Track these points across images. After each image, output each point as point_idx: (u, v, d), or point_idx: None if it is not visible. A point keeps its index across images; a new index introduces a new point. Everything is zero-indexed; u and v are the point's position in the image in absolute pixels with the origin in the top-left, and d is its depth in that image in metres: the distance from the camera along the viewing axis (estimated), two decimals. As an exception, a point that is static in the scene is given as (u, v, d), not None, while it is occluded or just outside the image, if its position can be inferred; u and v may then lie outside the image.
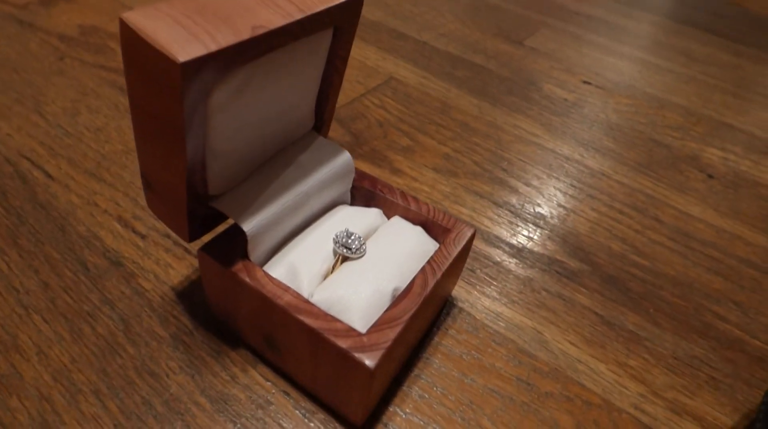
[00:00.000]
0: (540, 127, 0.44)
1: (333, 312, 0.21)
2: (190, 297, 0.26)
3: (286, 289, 0.21)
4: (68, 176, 0.32)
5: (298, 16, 0.18)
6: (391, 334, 0.19)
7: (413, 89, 0.46)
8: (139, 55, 0.16)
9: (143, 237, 0.29)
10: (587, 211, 0.36)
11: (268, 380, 0.23)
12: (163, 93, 0.16)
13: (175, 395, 0.22)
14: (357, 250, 0.23)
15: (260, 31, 0.17)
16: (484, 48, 0.55)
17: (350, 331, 0.19)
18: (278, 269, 0.22)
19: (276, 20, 0.18)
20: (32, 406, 0.21)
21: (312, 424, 0.22)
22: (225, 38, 0.16)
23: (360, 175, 0.27)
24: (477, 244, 0.32)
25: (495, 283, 0.30)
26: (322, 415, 0.22)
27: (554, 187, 0.38)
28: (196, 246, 0.29)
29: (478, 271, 0.30)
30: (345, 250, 0.23)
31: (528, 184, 0.38)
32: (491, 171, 0.38)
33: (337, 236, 0.23)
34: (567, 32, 0.62)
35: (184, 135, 0.17)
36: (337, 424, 0.22)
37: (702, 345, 0.28)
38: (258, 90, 0.20)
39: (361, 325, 0.20)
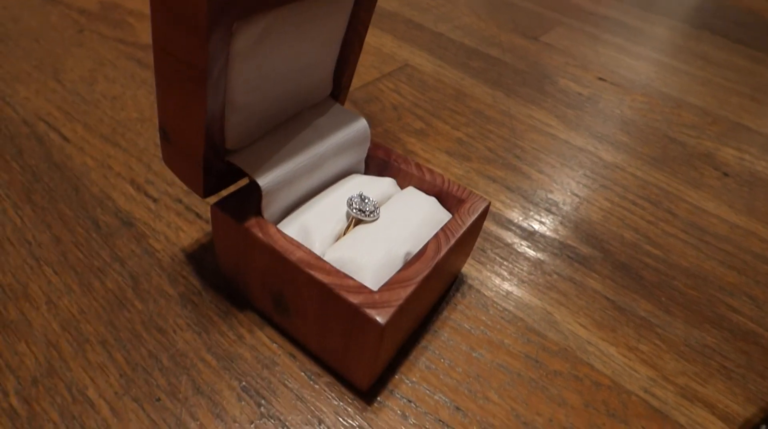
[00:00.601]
0: (554, 118, 0.44)
1: (345, 271, 0.21)
2: (200, 259, 0.26)
3: (299, 245, 0.20)
4: (83, 140, 0.32)
5: None
6: (403, 293, 0.19)
7: (428, 76, 0.46)
8: None
9: (155, 200, 0.29)
10: (600, 201, 0.36)
11: (274, 342, 0.23)
12: (188, 32, 0.16)
13: (182, 351, 0.22)
14: (370, 213, 0.23)
15: None
16: (500, 41, 0.55)
17: (362, 288, 0.19)
18: (291, 228, 0.22)
19: None
20: (39, 351, 0.21)
21: (317, 387, 0.22)
22: None
23: (375, 145, 0.27)
24: (489, 225, 0.32)
25: (506, 263, 0.30)
26: (327, 379, 0.22)
27: (567, 175, 0.38)
28: (207, 212, 0.29)
29: (489, 251, 0.30)
30: (359, 213, 0.22)
31: (541, 172, 0.38)
32: (504, 157, 0.38)
33: (351, 199, 0.23)
34: (583, 31, 0.62)
35: (206, 80, 0.17)
36: (342, 388, 0.22)
37: (714, 335, 0.28)
38: (280, 40, 0.20)
39: (372, 283, 0.20)
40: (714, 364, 0.26)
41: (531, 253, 0.31)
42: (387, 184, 0.25)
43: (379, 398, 0.22)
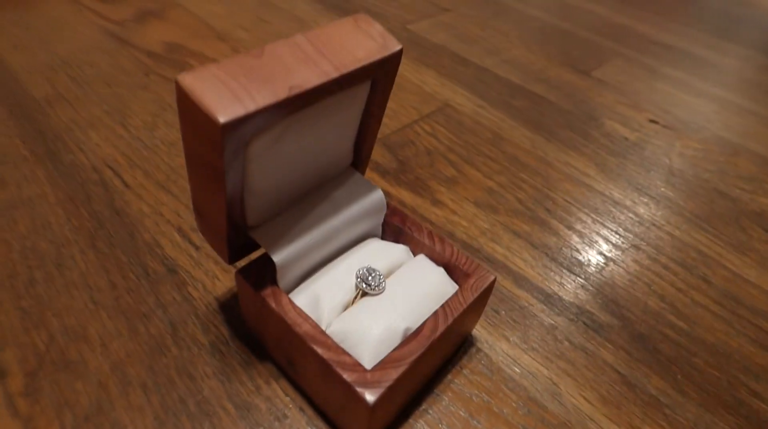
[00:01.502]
0: (593, 166, 0.43)
1: (346, 344, 0.23)
2: (231, 309, 0.29)
3: (306, 318, 0.23)
4: (141, 186, 0.36)
5: (334, 74, 0.20)
6: (394, 374, 0.21)
7: (467, 118, 0.47)
8: (190, 112, 0.18)
9: (197, 248, 0.32)
10: (628, 263, 0.35)
11: (287, 395, 0.26)
12: (207, 144, 0.19)
13: (207, 398, 0.25)
14: (376, 286, 0.24)
15: (297, 91, 0.19)
16: (548, 77, 0.55)
17: (356, 366, 0.21)
18: (303, 297, 0.24)
19: (313, 79, 0.20)
20: (92, 391, 0.25)
21: (320, 444, 0.24)
22: (264, 98, 0.18)
23: (392, 211, 0.28)
24: (506, 285, 0.33)
25: (518, 327, 0.30)
26: (330, 437, 0.24)
27: (597, 232, 0.37)
28: (240, 262, 0.32)
29: (503, 312, 0.31)
30: (365, 286, 0.24)
31: (570, 228, 0.37)
32: (534, 210, 0.38)
33: (359, 271, 0.25)
34: (641, 63, 0.60)
35: (224, 178, 0.20)
36: (343, 448, 0.24)
37: (728, 421, 0.27)
38: (295, 138, 0.22)
39: (368, 360, 0.22)
40: (725, 455, 0.26)
41: (545, 318, 0.31)
42: (399, 251, 0.27)
43: (375, 461, 0.24)
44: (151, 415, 0.24)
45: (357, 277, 0.25)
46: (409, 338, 0.23)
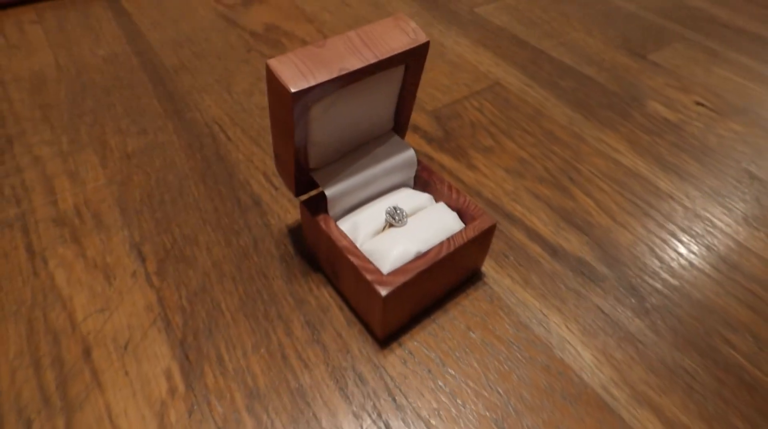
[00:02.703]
0: (625, 143, 0.47)
1: (372, 258, 0.31)
2: (296, 234, 0.39)
3: (346, 237, 0.31)
4: (239, 139, 0.47)
5: (373, 60, 0.28)
6: (403, 278, 0.29)
7: (513, 95, 0.53)
8: (273, 84, 0.27)
9: (276, 189, 0.42)
10: (636, 228, 0.40)
11: (331, 297, 0.35)
12: (283, 107, 0.27)
13: (275, 291, 0.35)
14: (400, 220, 0.32)
15: (344, 71, 0.27)
16: (601, 59, 0.58)
17: (376, 271, 0.29)
18: (346, 224, 0.33)
19: (356, 63, 0.28)
20: (199, 277, 0.36)
21: (351, 330, 0.33)
22: (321, 76, 0.27)
23: (422, 167, 0.36)
24: (519, 237, 0.39)
25: (522, 270, 0.37)
26: (359, 327, 0.33)
27: (613, 200, 0.42)
28: (303, 198, 0.41)
29: (512, 257, 0.38)
30: (391, 220, 0.32)
31: (588, 195, 0.42)
32: (558, 178, 0.44)
33: (388, 208, 0.33)
34: (703, 47, 0.60)
35: (293, 132, 0.28)
36: (367, 335, 0.33)
37: (695, 360, 0.32)
38: (345, 105, 0.30)
39: (386, 270, 0.30)
40: (680, 382, 0.31)
41: (547, 265, 0.37)
42: (424, 198, 0.35)
43: (390, 346, 0.32)
44: (237, 298, 0.35)
45: (386, 213, 0.33)
46: (419, 258, 0.30)
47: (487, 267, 0.37)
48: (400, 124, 0.35)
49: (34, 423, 0.28)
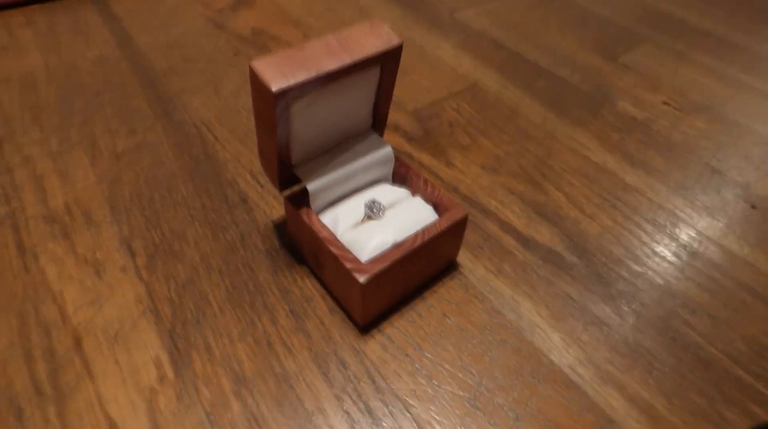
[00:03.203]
0: (595, 140, 0.50)
1: (352, 248, 0.33)
2: (281, 229, 0.40)
3: (326, 229, 0.33)
4: (226, 140, 0.48)
5: (348, 61, 0.30)
6: (380, 266, 0.31)
7: (491, 96, 0.55)
8: (257, 84, 0.29)
9: (262, 186, 0.44)
10: (603, 219, 0.42)
11: (314, 287, 0.36)
12: (266, 105, 0.29)
13: (260, 283, 0.37)
14: (377, 212, 0.34)
15: (321, 73, 0.29)
16: (574, 62, 0.60)
17: (355, 260, 0.31)
18: (327, 217, 0.35)
19: (333, 65, 0.29)
20: (187, 270, 0.37)
21: (333, 318, 0.35)
22: (300, 76, 0.28)
23: (400, 163, 0.38)
24: (493, 229, 0.41)
25: (495, 260, 0.39)
26: (341, 315, 0.35)
27: (583, 194, 0.44)
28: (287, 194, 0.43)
29: (486, 248, 0.40)
30: (369, 212, 0.34)
31: (559, 190, 0.45)
32: (531, 174, 0.46)
33: (366, 202, 0.34)
34: (671, 50, 0.63)
35: (276, 128, 0.30)
36: (348, 322, 0.34)
37: (656, 340, 0.34)
38: (324, 104, 0.32)
39: (365, 258, 0.32)
40: (641, 360, 0.33)
41: (520, 255, 0.39)
42: (401, 192, 0.37)
43: (370, 333, 0.34)
44: (224, 289, 0.36)
45: (365, 206, 0.35)
46: (395, 247, 0.32)
47: (463, 258, 0.39)
48: (378, 122, 0.37)
49: (26, 411, 0.30)
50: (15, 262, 0.37)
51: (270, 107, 0.29)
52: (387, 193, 0.36)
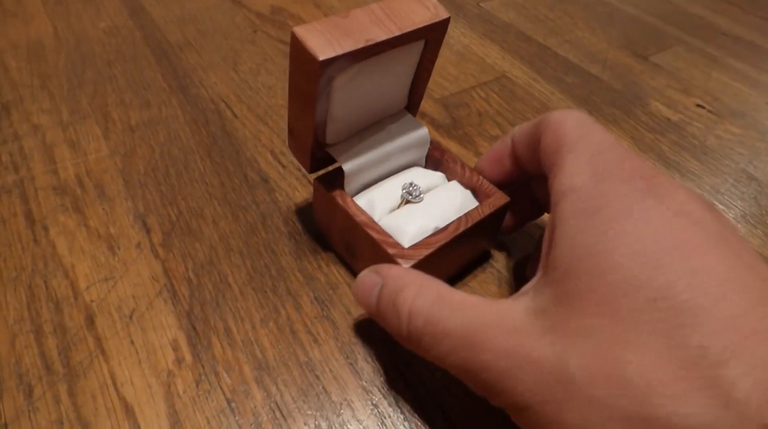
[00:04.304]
0: (628, 139, 0.48)
1: (391, 233, 0.31)
2: (303, 211, 0.38)
3: (363, 212, 0.31)
4: (245, 117, 0.46)
5: (397, 32, 0.28)
6: (425, 251, 0.29)
7: (520, 88, 0.53)
8: (299, 53, 0.27)
9: (284, 167, 0.42)
10: (639, 219, 0.41)
11: (340, 274, 0.35)
12: (308, 76, 0.27)
13: (283, 267, 0.35)
14: (416, 197, 0.32)
15: (369, 43, 0.27)
16: (604, 59, 0.59)
17: (397, 245, 0.29)
18: (362, 200, 0.33)
19: (381, 35, 0.27)
20: (206, 250, 0.35)
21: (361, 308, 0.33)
22: (347, 45, 0.26)
23: (434, 146, 0.36)
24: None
25: (526, 252, 0.37)
26: (368, 304, 0.33)
27: (617, 193, 0.43)
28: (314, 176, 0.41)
29: (518, 242, 0.38)
30: (408, 196, 0.32)
31: (593, 186, 0.43)
32: (563, 169, 0.44)
33: (404, 185, 0.33)
34: (702, 52, 0.62)
35: (315, 103, 0.28)
36: (377, 312, 0.33)
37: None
38: (365, 79, 0.30)
39: (406, 244, 0.30)
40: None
41: (554, 251, 0.38)
42: (437, 177, 0.35)
43: (399, 324, 0.32)
44: (245, 272, 0.34)
45: (403, 189, 0.33)
46: (436, 233, 0.30)
47: (498, 252, 0.37)
48: (412, 104, 0.35)
49: (36, 389, 0.28)
50: (24, 232, 0.35)
51: (313, 79, 0.27)
52: (422, 176, 0.34)
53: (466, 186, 0.34)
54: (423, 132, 0.35)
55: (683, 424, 0.16)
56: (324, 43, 0.26)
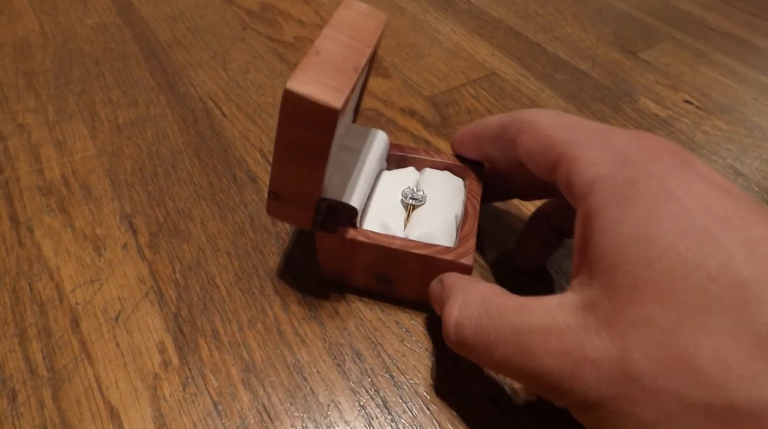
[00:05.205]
0: (617, 136, 0.48)
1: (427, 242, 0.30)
2: (293, 211, 0.38)
3: (392, 237, 0.30)
4: (234, 116, 0.46)
5: (369, 50, 0.26)
6: (472, 241, 0.29)
7: (509, 85, 0.53)
8: (301, 110, 0.24)
9: (273, 166, 0.42)
10: (627, 217, 0.41)
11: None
12: (318, 131, 0.24)
13: (271, 267, 0.35)
14: (422, 198, 0.32)
15: (358, 70, 0.25)
16: (594, 55, 0.59)
17: (448, 249, 0.29)
18: (375, 226, 0.31)
19: (360, 58, 0.26)
20: (193, 251, 0.35)
21: (349, 307, 0.33)
22: (345, 82, 0.25)
23: (391, 146, 0.35)
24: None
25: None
26: (357, 304, 0.33)
27: (605, 190, 0.43)
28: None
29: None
30: (414, 201, 0.32)
31: (581, 184, 0.43)
32: (552, 167, 0.44)
33: (404, 192, 0.32)
34: (692, 48, 0.62)
35: (327, 158, 0.26)
36: (364, 313, 0.33)
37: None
38: (348, 107, 0.29)
39: (447, 244, 0.30)
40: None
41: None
42: (409, 172, 0.34)
43: (386, 324, 0.32)
44: (233, 272, 0.34)
45: (405, 197, 0.32)
46: (464, 220, 0.31)
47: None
48: (357, 114, 0.35)
49: (20, 394, 0.27)
50: (8, 234, 0.35)
51: (326, 132, 0.24)
52: (398, 179, 0.34)
53: (439, 168, 0.34)
54: (384, 135, 0.34)
55: (762, 407, 0.15)
56: (325, 89, 0.24)
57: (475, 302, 0.23)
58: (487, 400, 0.29)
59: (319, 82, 0.24)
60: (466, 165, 0.34)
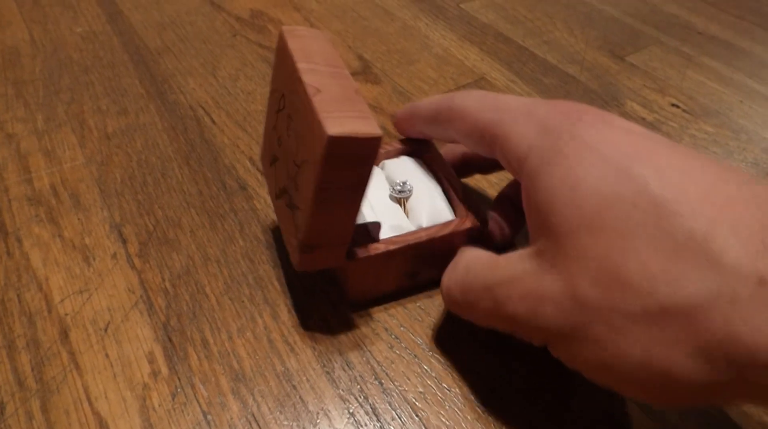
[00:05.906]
0: (605, 140, 0.49)
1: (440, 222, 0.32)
2: (283, 219, 0.38)
3: (412, 233, 0.30)
4: (224, 124, 0.46)
5: (347, 70, 0.27)
6: (473, 216, 0.31)
7: (499, 90, 0.53)
8: (346, 151, 0.23)
9: (262, 174, 0.42)
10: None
11: (317, 283, 0.35)
12: (360, 163, 0.24)
13: (261, 276, 0.35)
14: (409, 190, 0.33)
15: (358, 92, 0.26)
16: (582, 59, 0.59)
17: (458, 222, 0.31)
18: (390, 232, 0.31)
19: (348, 80, 0.26)
20: (183, 260, 0.35)
21: (338, 314, 0.33)
22: (364, 108, 0.25)
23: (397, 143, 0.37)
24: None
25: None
26: (346, 312, 0.33)
27: (593, 195, 0.43)
28: (294, 186, 0.41)
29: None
30: (404, 194, 0.33)
31: (569, 188, 0.44)
32: (540, 172, 0.45)
33: (393, 190, 0.33)
34: (678, 52, 0.62)
35: (366, 187, 0.25)
36: (354, 320, 0.33)
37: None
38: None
39: (452, 216, 0.32)
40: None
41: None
42: (375, 172, 0.35)
43: (376, 331, 0.32)
44: (222, 281, 0.34)
45: (397, 193, 0.33)
46: (450, 195, 0.33)
47: (472, 256, 0.38)
48: None
49: (8, 406, 0.27)
50: (-4, 245, 0.35)
51: (367, 163, 0.24)
52: (372, 180, 0.34)
53: (387, 157, 0.36)
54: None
55: (688, 303, 0.17)
56: (357, 122, 0.23)
57: (461, 266, 0.27)
58: (476, 405, 0.29)
59: (349, 118, 0.24)
60: (415, 145, 0.35)
